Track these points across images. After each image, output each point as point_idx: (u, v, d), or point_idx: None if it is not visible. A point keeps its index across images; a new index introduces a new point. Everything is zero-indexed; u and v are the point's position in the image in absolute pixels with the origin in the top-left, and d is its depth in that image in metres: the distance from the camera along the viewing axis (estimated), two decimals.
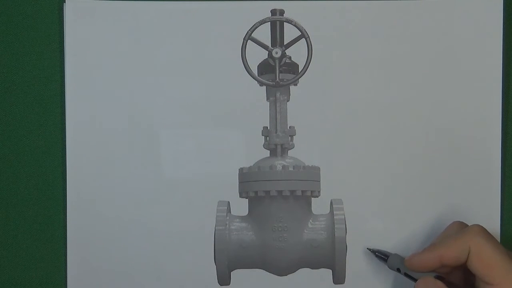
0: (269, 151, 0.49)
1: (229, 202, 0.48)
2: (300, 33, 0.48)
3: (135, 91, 0.49)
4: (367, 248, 0.48)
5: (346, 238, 0.47)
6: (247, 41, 0.48)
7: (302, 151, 0.49)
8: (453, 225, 0.45)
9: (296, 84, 0.49)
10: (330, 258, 0.47)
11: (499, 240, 0.49)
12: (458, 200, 0.49)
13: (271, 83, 0.48)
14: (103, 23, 0.49)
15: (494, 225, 0.49)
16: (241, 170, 0.48)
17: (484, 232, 0.40)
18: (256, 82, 0.49)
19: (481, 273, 0.38)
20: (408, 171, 0.49)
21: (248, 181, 0.48)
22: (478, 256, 0.38)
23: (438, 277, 0.43)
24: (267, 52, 0.49)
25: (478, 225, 0.41)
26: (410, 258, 0.43)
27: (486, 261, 0.38)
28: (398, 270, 0.46)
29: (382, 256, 0.47)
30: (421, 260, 0.42)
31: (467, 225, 0.44)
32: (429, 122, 0.49)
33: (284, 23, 0.49)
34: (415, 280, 0.44)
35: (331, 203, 0.48)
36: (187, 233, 0.48)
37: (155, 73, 0.49)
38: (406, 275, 0.45)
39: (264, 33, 0.49)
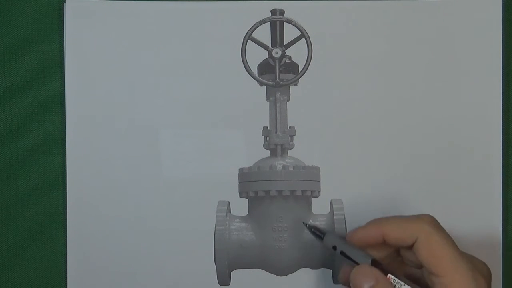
0: (269, 151, 0.49)
1: (229, 202, 0.48)
2: (300, 33, 0.49)
3: (135, 91, 0.49)
4: (303, 223, 0.46)
5: None
6: (247, 41, 0.48)
7: (302, 151, 0.49)
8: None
9: (296, 84, 0.49)
10: (330, 258, 0.47)
11: (500, 240, 0.49)
12: (458, 200, 0.49)
13: (271, 83, 0.48)
14: (103, 23, 0.49)
15: (495, 225, 0.49)
16: (241, 170, 0.48)
17: (434, 222, 0.38)
18: (256, 82, 0.49)
19: (429, 262, 0.36)
20: (408, 170, 0.49)
21: (248, 181, 0.48)
22: (427, 245, 0.36)
23: (375, 263, 0.40)
24: (267, 52, 0.49)
25: (429, 215, 0.39)
26: (354, 230, 0.41)
27: (434, 251, 0.36)
28: (334, 248, 0.42)
29: (318, 233, 0.44)
30: (363, 234, 0.40)
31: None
32: (429, 122, 0.49)
33: (284, 23, 0.49)
34: (349, 258, 0.41)
35: (331, 203, 0.48)
36: (187, 233, 0.48)
37: (155, 73, 0.49)
38: (342, 253, 0.42)
39: (264, 33, 0.49)
